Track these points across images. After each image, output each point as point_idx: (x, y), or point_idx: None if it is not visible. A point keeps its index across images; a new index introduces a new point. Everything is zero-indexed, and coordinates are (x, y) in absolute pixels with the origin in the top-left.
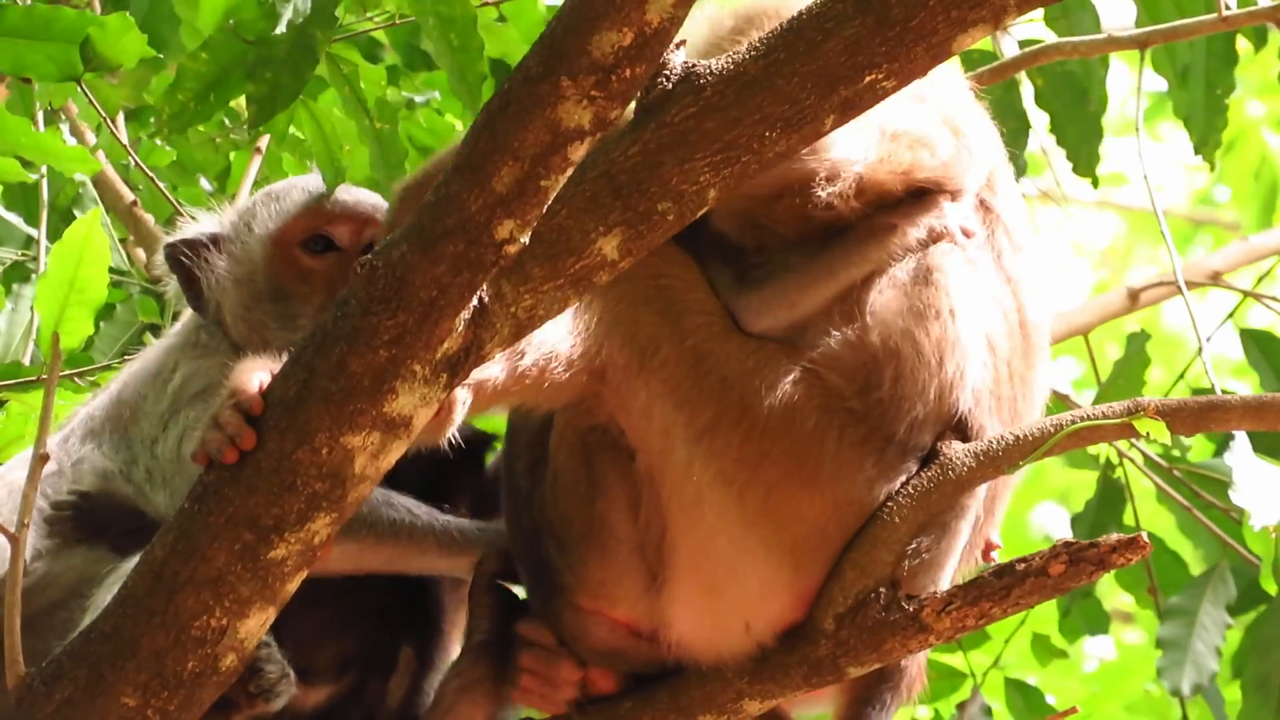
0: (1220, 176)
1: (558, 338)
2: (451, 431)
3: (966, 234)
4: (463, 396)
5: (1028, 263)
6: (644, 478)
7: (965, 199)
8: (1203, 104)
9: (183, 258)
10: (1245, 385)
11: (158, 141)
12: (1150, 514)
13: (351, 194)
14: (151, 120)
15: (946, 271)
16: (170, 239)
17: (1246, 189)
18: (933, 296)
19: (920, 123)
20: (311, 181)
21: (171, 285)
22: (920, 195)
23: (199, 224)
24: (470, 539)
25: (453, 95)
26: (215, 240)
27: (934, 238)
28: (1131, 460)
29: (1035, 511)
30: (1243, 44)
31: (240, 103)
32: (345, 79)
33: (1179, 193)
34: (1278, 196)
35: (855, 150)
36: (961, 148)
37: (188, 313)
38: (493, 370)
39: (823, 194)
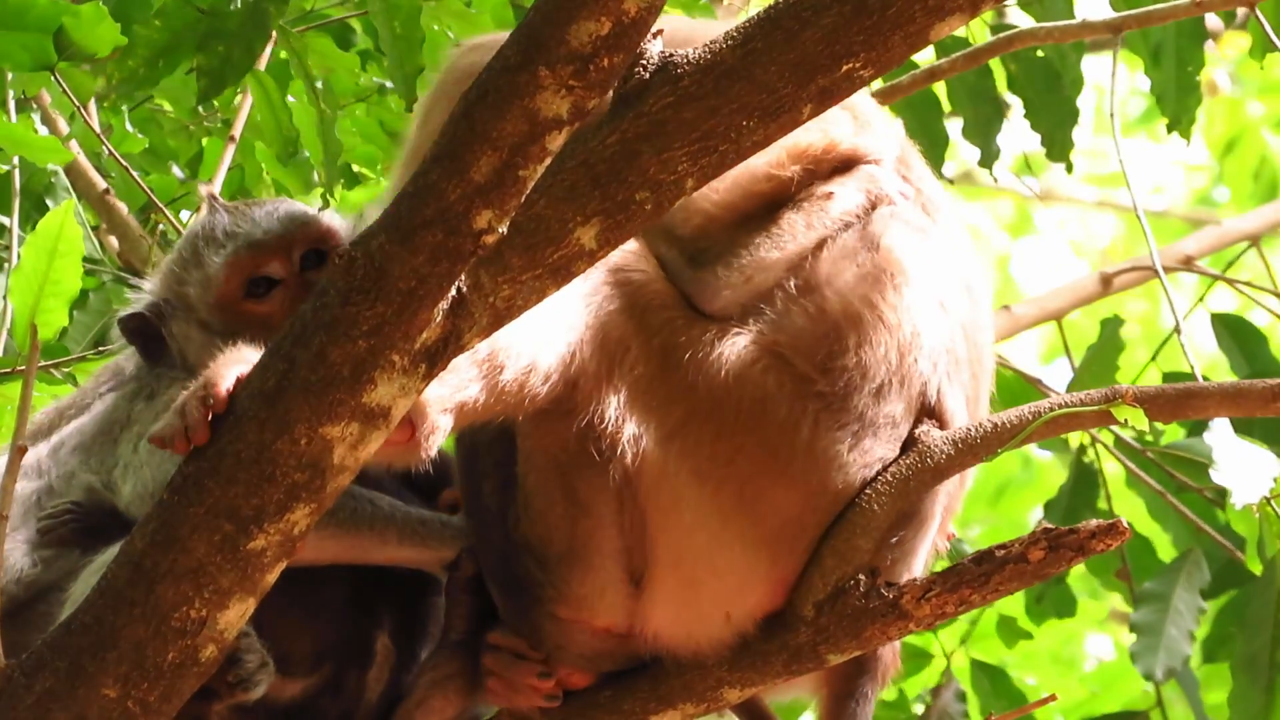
0: (1220, 177)
1: (535, 348)
2: (432, 453)
3: (904, 195)
4: (444, 424)
5: (954, 232)
6: (621, 481)
7: (887, 166)
8: (1175, 82)
9: (140, 327)
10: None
11: (129, 127)
12: (1120, 498)
13: (261, 224)
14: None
15: (893, 238)
16: (122, 314)
17: (1246, 189)
18: (884, 261)
19: None
20: (219, 226)
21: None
22: (848, 166)
23: (144, 293)
24: (434, 531)
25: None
26: (163, 306)
27: (873, 202)
28: (1104, 444)
29: (1034, 513)
30: (1243, 43)
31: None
32: (298, 58)
33: (1178, 193)
34: (1277, 196)
35: None
36: (862, 122)
37: None
38: (472, 390)
39: (759, 161)
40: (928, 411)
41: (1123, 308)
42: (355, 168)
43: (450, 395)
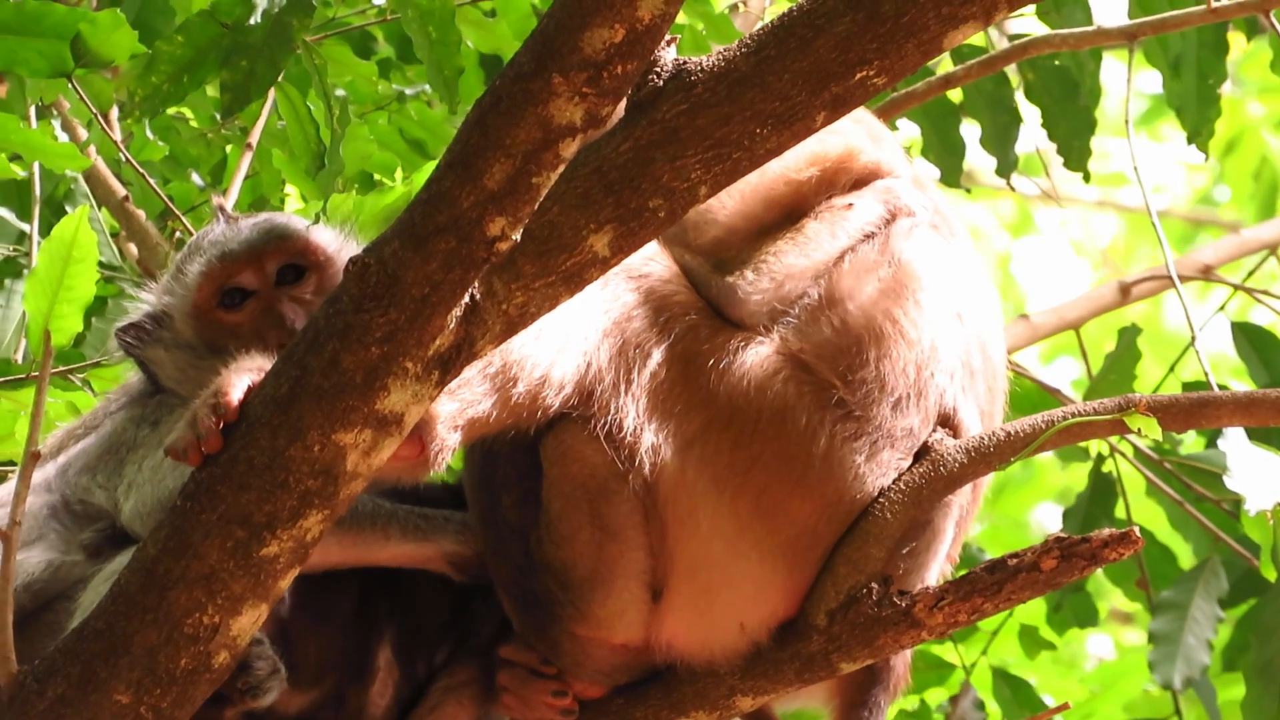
0: (1220, 177)
1: (549, 359)
2: (441, 468)
3: (923, 209)
4: (453, 440)
5: (967, 245)
6: (642, 493)
7: (905, 180)
8: (1195, 94)
9: (130, 341)
10: (1244, 384)
11: (149, 135)
12: (1141, 507)
13: (240, 235)
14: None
15: (913, 252)
16: (118, 325)
17: (1246, 189)
18: (905, 275)
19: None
20: (206, 237)
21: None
22: (865, 180)
23: (140, 304)
24: (436, 525)
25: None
26: (155, 318)
27: (892, 214)
28: (1122, 454)
29: (1035, 511)
30: (1243, 43)
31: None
32: (318, 73)
33: (1179, 193)
34: (1278, 196)
35: None
36: (876, 136)
37: None
38: (484, 406)
39: (776, 167)
40: (943, 424)
41: (1129, 312)
42: (376, 176)
43: (460, 411)
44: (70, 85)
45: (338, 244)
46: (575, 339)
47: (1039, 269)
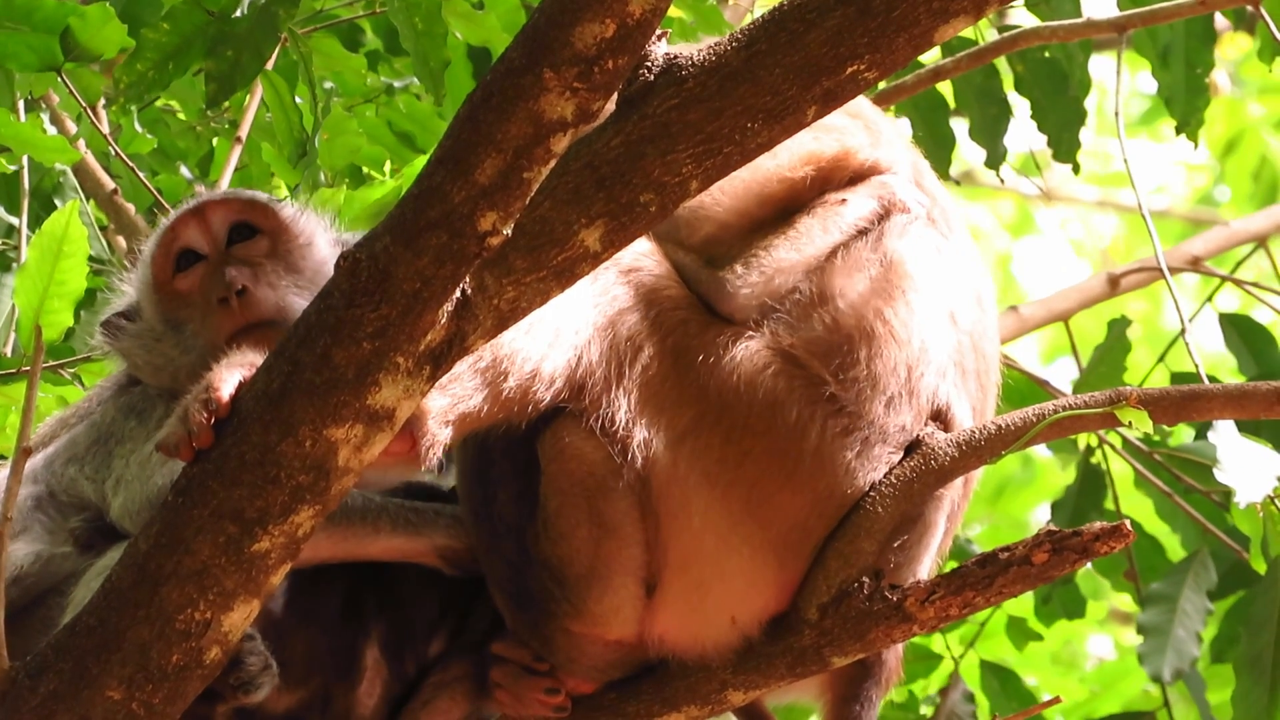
0: (1220, 177)
1: (540, 353)
2: (432, 464)
3: (920, 204)
4: (445, 435)
5: (965, 241)
6: (635, 487)
7: (903, 176)
8: (1184, 84)
9: (107, 335)
10: (1235, 378)
11: (138, 127)
12: (1129, 499)
13: (189, 201)
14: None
15: (906, 250)
16: (104, 317)
17: (1246, 189)
18: (896, 274)
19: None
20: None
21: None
22: (863, 177)
23: (119, 295)
24: (427, 519)
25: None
26: (126, 312)
27: (886, 209)
28: (1111, 446)
29: (1035, 512)
30: (1243, 43)
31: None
32: (304, 62)
33: (1179, 193)
34: (1278, 196)
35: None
36: (874, 131)
37: None
38: (475, 400)
39: (770, 165)
40: (935, 419)
41: (1125, 307)
42: (365, 170)
43: (452, 406)
44: (59, 79)
45: (295, 213)
46: (566, 333)
47: (1039, 269)
